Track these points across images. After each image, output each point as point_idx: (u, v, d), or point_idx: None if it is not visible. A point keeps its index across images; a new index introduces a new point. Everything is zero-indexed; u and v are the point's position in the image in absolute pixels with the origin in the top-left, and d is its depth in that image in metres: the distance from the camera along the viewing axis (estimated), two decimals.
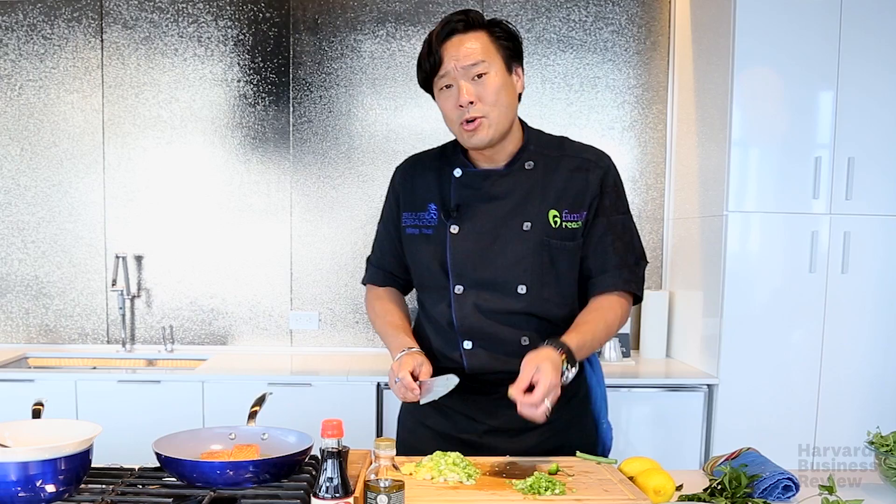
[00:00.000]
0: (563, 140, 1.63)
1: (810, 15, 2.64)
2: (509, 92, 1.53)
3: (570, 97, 3.24)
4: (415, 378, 1.50)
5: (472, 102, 1.49)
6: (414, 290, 1.76)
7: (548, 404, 1.36)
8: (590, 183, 1.56)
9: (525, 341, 1.56)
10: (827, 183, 2.68)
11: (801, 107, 2.69)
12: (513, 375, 1.41)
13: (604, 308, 1.57)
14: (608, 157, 1.61)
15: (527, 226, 1.55)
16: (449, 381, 1.50)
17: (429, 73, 1.53)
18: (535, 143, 1.60)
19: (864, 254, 2.70)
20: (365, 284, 1.82)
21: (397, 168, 1.73)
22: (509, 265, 1.55)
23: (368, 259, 1.81)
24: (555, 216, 1.55)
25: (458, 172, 1.61)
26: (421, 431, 1.68)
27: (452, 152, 1.65)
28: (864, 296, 2.72)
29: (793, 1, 2.64)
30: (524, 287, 1.55)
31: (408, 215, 1.65)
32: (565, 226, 1.55)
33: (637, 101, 3.25)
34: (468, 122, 1.50)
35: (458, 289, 1.58)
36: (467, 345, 1.58)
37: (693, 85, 3.03)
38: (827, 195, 2.68)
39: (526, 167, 1.58)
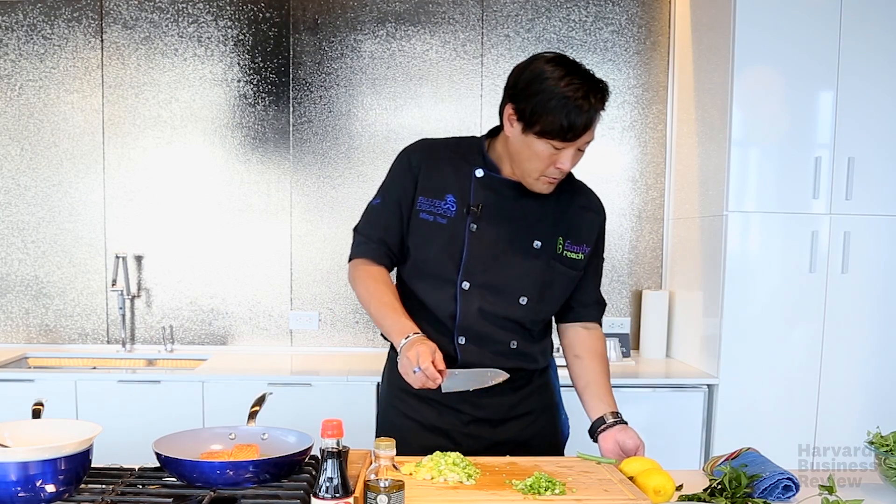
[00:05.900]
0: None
1: (810, 15, 2.64)
2: None
3: None
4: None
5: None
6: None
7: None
8: (595, 225, 1.71)
9: (514, 344, 1.65)
10: (827, 183, 2.68)
11: (801, 107, 2.69)
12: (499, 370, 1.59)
13: (600, 351, 1.73)
14: (604, 206, 1.77)
15: (537, 244, 1.63)
16: (496, 375, 1.54)
17: (563, 134, 1.49)
18: None
19: (864, 254, 2.70)
20: (352, 259, 1.71)
21: (411, 149, 1.68)
22: (517, 276, 1.62)
23: (358, 230, 1.70)
24: (560, 243, 1.65)
25: (479, 173, 1.63)
26: (403, 423, 1.69)
27: (469, 150, 1.66)
28: (864, 296, 2.72)
29: (793, 0, 2.64)
30: (525, 299, 1.63)
31: (423, 200, 1.63)
32: (566, 254, 1.66)
33: (637, 101, 3.25)
34: (552, 178, 1.57)
35: (465, 285, 1.61)
36: (461, 340, 1.63)
37: (693, 85, 3.02)
38: (827, 195, 2.68)
39: None
